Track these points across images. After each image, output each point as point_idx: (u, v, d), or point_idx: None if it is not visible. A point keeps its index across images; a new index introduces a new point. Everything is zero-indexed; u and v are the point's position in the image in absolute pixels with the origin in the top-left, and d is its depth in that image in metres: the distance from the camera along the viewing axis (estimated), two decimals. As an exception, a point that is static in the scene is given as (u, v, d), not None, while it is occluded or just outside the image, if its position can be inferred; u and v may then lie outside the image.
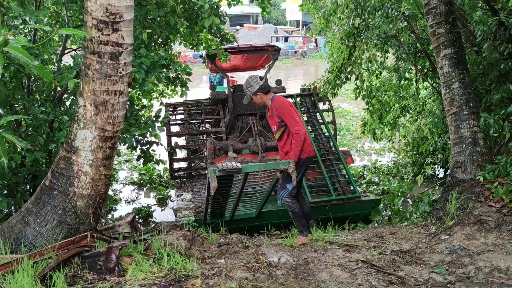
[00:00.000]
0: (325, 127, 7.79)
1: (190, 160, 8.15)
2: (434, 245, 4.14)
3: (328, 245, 4.29)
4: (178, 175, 7.96)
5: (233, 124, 8.19)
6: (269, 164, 4.36)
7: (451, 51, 5.36)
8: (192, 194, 7.12)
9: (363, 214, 6.34)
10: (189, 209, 6.31)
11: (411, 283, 3.28)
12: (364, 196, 6.43)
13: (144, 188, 9.46)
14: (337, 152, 7.13)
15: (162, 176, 9.77)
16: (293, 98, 8.45)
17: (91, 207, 3.86)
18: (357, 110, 16.50)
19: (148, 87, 5.12)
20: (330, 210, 5.97)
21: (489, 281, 3.25)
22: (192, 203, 6.68)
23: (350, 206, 6.21)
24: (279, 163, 4.33)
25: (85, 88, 3.70)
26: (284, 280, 3.31)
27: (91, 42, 3.59)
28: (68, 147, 3.83)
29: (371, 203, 6.33)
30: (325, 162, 6.92)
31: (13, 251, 3.64)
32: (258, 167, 4.33)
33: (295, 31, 47.50)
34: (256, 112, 7.93)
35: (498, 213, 4.30)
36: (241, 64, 9.97)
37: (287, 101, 4.84)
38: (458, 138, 5.33)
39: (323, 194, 6.46)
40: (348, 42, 8.65)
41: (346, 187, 6.53)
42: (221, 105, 8.51)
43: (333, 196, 6.25)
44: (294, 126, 4.56)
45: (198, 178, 7.86)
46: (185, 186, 7.62)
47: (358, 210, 6.25)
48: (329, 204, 6.11)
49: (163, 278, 3.30)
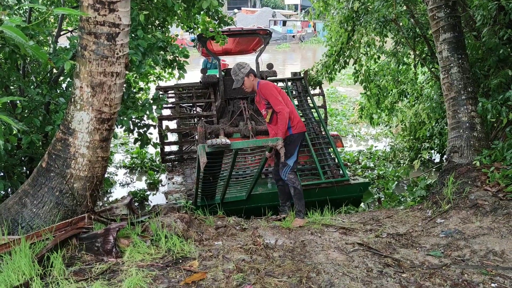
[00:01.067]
0: (316, 111, 7.82)
1: (181, 144, 8.17)
2: (430, 228, 4.17)
3: (325, 228, 4.31)
4: (169, 158, 7.98)
5: (224, 108, 8.20)
6: (258, 141, 4.41)
7: (451, 35, 5.33)
8: (183, 177, 7.15)
9: (352, 197, 6.43)
10: (180, 192, 6.36)
11: (407, 266, 3.31)
12: (353, 179, 6.51)
13: (136, 172, 9.46)
14: (327, 136, 7.18)
15: (154, 160, 9.75)
16: (284, 82, 8.46)
17: (88, 189, 3.86)
18: (353, 95, 16.46)
19: (145, 69, 5.09)
20: (320, 193, 6.06)
21: (484, 264, 3.28)
22: (183, 186, 6.72)
23: (339, 189, 6.30)
24: (267, 140, 4.40)
25: (82, 69, 3.67)
26: (281, 262, 3.33)
27: (87, 23, 3.54)
28: (65, 128, 3.81)
29: (359, 186, 6.41)
30: (315, 146, 6.99)
31: (10, 232, 3.65)
32: (247, 144, 4.37)
33: (293, 15, 47.13)
34: (247, 96, 7.93)
35: (494, 197, 4.33)
36: (232, 48, 9.92)
37: (271, 83, 4.96)
38: (456, 123, 5.33)
39: (312, 177, 6.53)
40: (347, 26, 8.57)
41: (336, 170, 6.62)
42: (212, 89, 8.51)
43: (322, 179, 6.34)
44: (277, 105, 4.69)
45: (189, 161, 7.88)
46: (176, 170, 7.64)
47: (347, 193, 6.34)
48: (319, 187, 6.19)
49: (160, 260, 3.32)
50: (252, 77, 4.88)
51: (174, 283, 2.96)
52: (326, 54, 9.36)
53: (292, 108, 4.92)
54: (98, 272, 3.10)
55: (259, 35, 8.36)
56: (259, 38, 8.61)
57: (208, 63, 11.77)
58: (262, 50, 8.67)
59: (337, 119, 13.56)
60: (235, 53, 10.73)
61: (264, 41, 8.44)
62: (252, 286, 2.87)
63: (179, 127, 8.15)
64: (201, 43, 7.84)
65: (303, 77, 8.54)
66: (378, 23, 7.30)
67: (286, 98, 4.95)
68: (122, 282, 2.93)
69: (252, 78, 4.88)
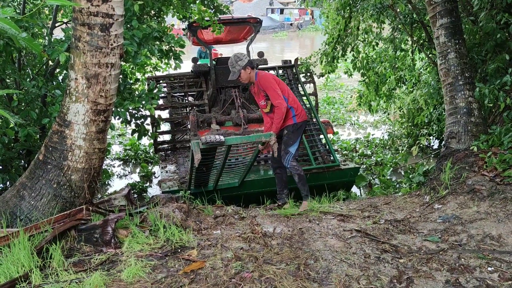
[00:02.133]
0: (307, 98, 7.85)
1: (174, 133, 8.18)
2: (427, 214, 4.19)
3: (323, 215, 4.33)
4: (162, 147, 8.01)
5: (216, 97, 8.22)
6: (251, 137, 4.42)
7: (448, 20, 5.29)
8: (177, 166, 7.20)
9: (343, 182, 6.57)
10: (173, 180, 6.42)
11: (404, 251, 3.33)
12: (343, 165, 6.64)
13: (129, 163, 9.44)
14: (318, 123, 7.23)
15: (148, 152, 9.74)
16: (275, 70, 8.45)
17: (85, 181, 3.87)
18: (350, 83, 16.39)
19: (141, 60, 5.05)
20: (311, 179, 6.16)
21: (480, 248, 3.30)
22: (177, 174, 6.77)
23: (330, 175, 6.44)
24: (261, 135, 4.41)
25: (76, 60, 3.65)
26: (279, 250, 3.35)
27: (80, 14, 3.52)
28: (61, 120, 3.80)
29: (350, 171, 6.55)
30: (306, 133, 7.09)
31: (9, 225, 3.67)
32: (240, 140, 4.39)
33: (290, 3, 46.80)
34: (238, 85, 7.96)
35: (491, 182, 4.34)
36: (223, 37, 9.87)
37: (271, 74, 4.98)
38: (453, 109, 5.32)
39: (304, 163, 6.64)
40: (344, 12, 8.53)
41: (326, 156, 6.73)
42: (204, 78, 8.51)
43: (313, 165, 6.46)
44: (276, 99, 4.72)
45: (182, 150, 7.94)
46: (169, 159, 7.70)
47: (338, 178, 6.49)
48: (310, 173, 6.30)
49: (159, 249, 3.34)
50: (249, 69, 4.83)
51: (173, 272, 2.98)
52: (325, 42, 9.33)
53: (293, 98, 4.96)
54: (97, 262, 3.13)
55: (250, 23, 8.35)
56: (249, 27, 8.59)
57: (202, 52, 11.76)
58: (252, 38, 8.68)
59: (334, 107, 13.52)
60: (225, 42, 10.69)
61: (254, 30, 8.44)
62: (250, 274, 2.89)
63: (171, 117, 8.16)
64: (191, 32, 7.81)
65: (294, 65, 8.55)
66: (375, 9, 7.26)
67: (286, 89, 4.97)
68: (121, 272, 2.95)
69: (249, 71, 4.84)
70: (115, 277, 2.91)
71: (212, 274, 2.92)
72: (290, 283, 2.76)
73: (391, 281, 2.85)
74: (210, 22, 6.68)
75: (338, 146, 9.50)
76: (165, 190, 5.93)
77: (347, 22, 8.66)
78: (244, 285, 2.75)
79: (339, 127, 11.66)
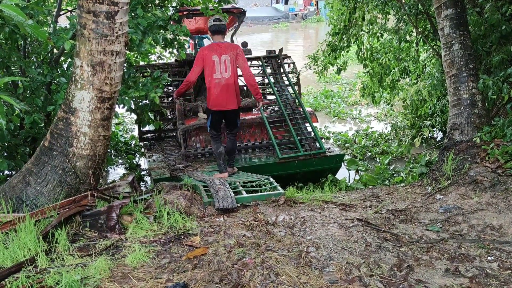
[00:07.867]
0: (291, 88, 7.92)
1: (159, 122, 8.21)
2: (429, 204, 4.22)
3: (325, 204, 4.36)
4: (147, 137, 8.05)
5: (201, 86, 8.23)
6: (261, 196, 4.42)
7: (453, 11, 5.27)
8: (163, 154, 7.26)
9: (329, 168, 6.84)
10: (163, 168, 6.50)
11: (405, 240, 3.36)
12: (329, 152, 6.87)
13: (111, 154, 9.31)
14: (303, 111, 7.37)
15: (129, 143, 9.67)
16: (259, 60, 8.45)
17: (90, 168, 3.91)
18: (348, 76, 16.23)
19: (145, 48, 5.08)
20: (299, 165, 6.45)
21: (481, 238, 3.33)
22: (164, 162, 6.83)
23: (317, 161, 6.68)
24: (271, 195, 4.44)
25: (82, 48, 3.67)
26: (282, 237, 3.39)
27: (86, 1, 3.54)
28: (66, 108, 3.83)
29: (336, 158, 6.82)
30: (292, 121, 7.26)
31: (15, 210, 3.72)
32: (251, 199, 4.35)
33: (295, -7, 46.46)
34: None
35: (493, 173, 4.35)
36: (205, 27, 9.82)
37: (201, 52, 5.37)
38: (457, 100, 5.33)
39: (291, 150, 6.86)
40: (348, 3, 8.50)
41: (313, 143, 6.93)
42: (188, 67, 8.48)
43: (301, 152, 6.65)
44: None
45: (167, 139, 8.02)
46: (155, 148, 7.74)
47: (324, 164, 6.76)
48: (297, 160, 6.53)
49: (163, 236, 3.38)
50: (210, 34, 5.50)
51: (177, 257, 3.03)
52: (329, 33, 9.30)
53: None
54: (102, 248, 3.17)
55: (233, 13, 8.33)
56: (232, 17, 8.57)
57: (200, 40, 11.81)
58: (236, 28, 8.75)
59: (333, 101, 13.23)
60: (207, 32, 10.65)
61: (238, 20, 8.47)
62: (252, 260, 2.93)
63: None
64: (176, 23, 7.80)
65: (278, 55, 8.54)
66: (380, 0, 7.23)
67: (209, 66, 5.33)
68: (125, 258, 3.00)
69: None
70: (119, 262, 2.96)
71: (215, 260, 2.96)
72: (291, 270, 2.80)
73: (392, 269, 2.88)
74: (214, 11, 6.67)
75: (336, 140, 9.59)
76: (157, 178, 5.99)
77: (352, 13, 8.63)
78: (246, 271, 2.80)
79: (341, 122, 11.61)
